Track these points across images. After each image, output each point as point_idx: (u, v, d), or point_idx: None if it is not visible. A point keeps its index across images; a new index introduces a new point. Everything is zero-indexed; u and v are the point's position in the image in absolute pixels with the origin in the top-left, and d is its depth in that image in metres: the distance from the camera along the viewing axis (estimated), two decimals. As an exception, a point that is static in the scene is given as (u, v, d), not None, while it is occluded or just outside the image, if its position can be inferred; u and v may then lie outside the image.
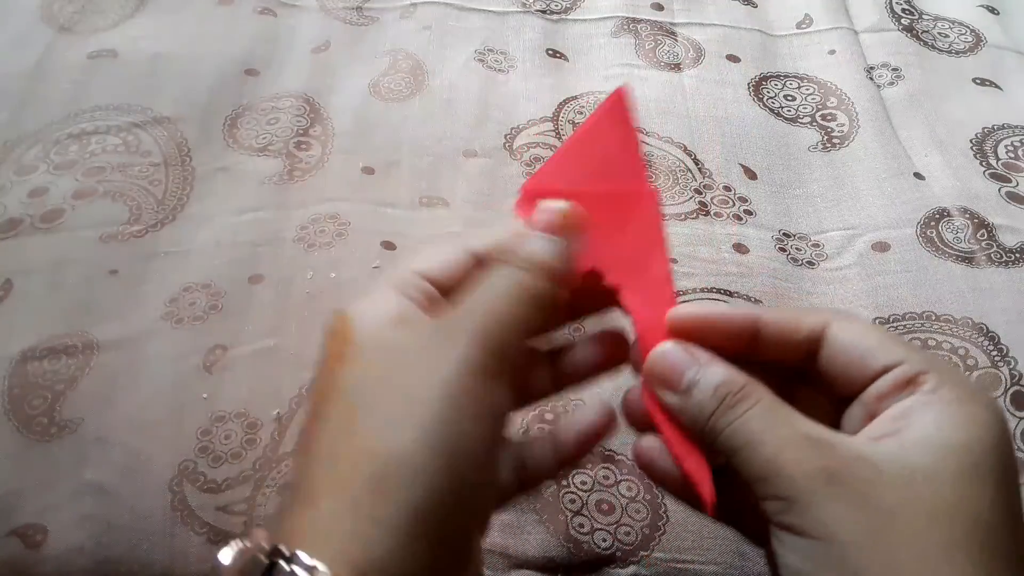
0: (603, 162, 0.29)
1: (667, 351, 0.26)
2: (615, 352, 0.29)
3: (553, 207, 0.27)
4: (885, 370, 0.24)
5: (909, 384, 0.23)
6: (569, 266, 0.26)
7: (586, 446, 0.28)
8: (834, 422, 0.25)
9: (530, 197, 0.28)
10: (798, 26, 0.68)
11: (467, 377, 0.23)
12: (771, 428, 0.23)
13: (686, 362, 0.26)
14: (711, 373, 0.25)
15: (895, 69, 0.64)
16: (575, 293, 0.27)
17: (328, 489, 0.21)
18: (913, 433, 0.22)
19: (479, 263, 0.27)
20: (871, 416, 0.24)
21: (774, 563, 0.23)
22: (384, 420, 0.22)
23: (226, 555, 0.22)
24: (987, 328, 0.46)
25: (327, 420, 0.23)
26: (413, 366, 0.23)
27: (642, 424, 0.28)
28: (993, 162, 0.56)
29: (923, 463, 0.21)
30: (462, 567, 0.23)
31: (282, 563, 0.20)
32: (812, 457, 0.22)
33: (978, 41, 0.66)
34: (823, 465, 0.22)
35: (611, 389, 0.42)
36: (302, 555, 0.20)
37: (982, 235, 0.51)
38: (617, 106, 0.30)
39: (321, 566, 0.20)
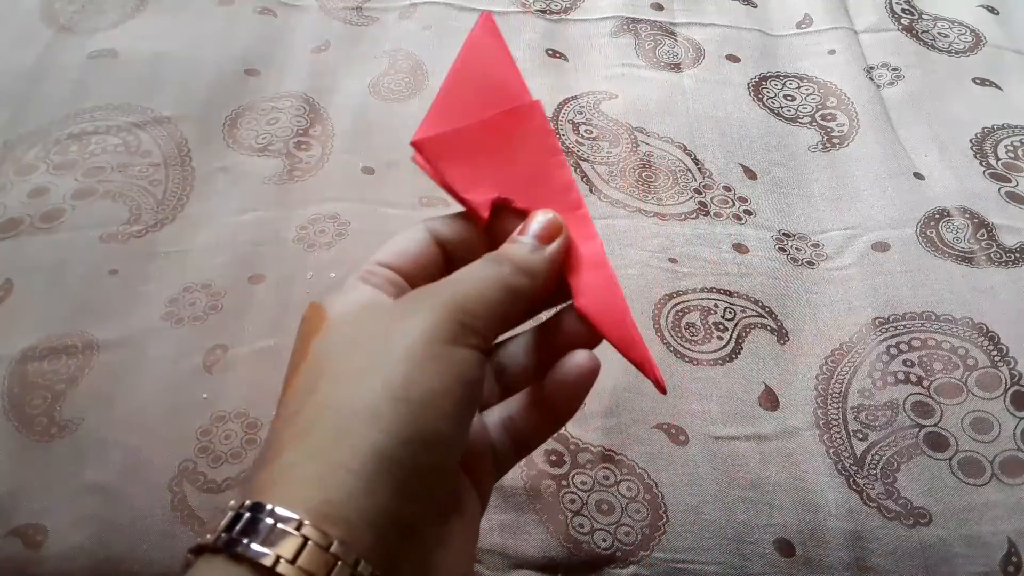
0: (483, 88, 0.30)
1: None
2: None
3: (541, 219, 0.28)
4: None
5: None
6: (551, 272, 0.27)
7: (574, 398, 0.28)
8: None
9: (421, 147, 0.29)
10: (798, 26, 0.68)
11: (432, 341, 0.23)
12: None
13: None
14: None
15: (895, 69, 0.64)
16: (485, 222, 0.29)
17: (289, 442, 0.22)
18: None
19: (440, 244, 0.29)
20: None
21: None
22: (348, 377, 0.23)
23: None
24: (987, 328, 0.46)
25: (297, 386, 0.24)
26: (380, 333, 0.24)
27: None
28: (993, 162, 0.56)
29: None
30: (435, 517, 0.23)
31: (266, 517, 0.20)
32: None
33: (978, 41, 0.66)
34: None
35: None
36: (283, 510, 0.20)
37: (982, 235, 0.51)
38: (484, 30, 0.31)
39: (282, 509, 0.20)
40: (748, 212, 0.54)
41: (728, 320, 0.48)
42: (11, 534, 0.39)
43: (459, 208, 0.29)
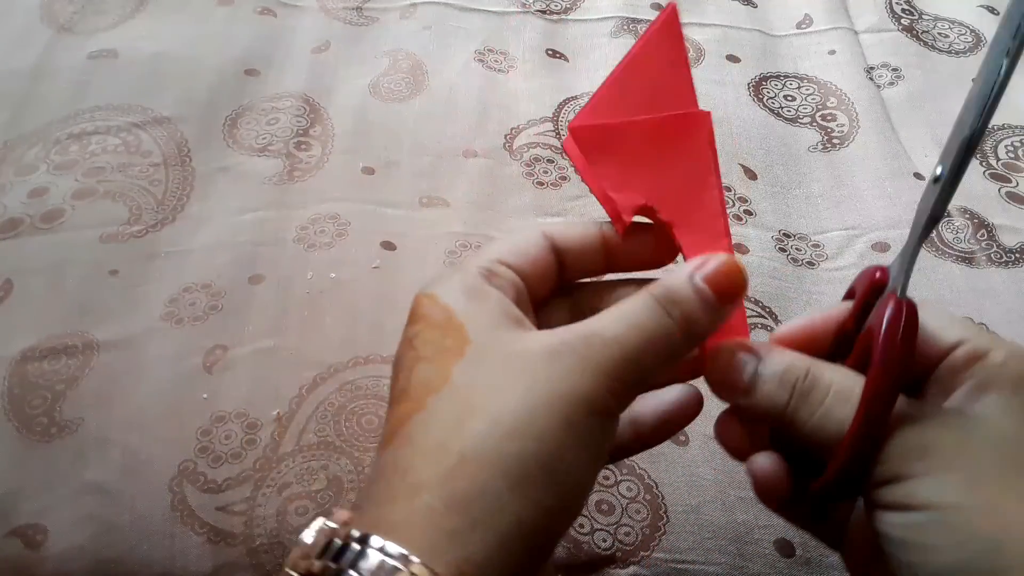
0: (653, 87, 0.27)
1: (717, 355, 0.26)
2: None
3: (727, 266, 0.24)
4: (952, 348, 0.24)
5: (978, 359, 0.24)
6: (714, 331, 0.25)
7: (666, 428, 0.28)
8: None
9: (578, 135, 0.27)
10: (798, 26, 0.68)
11: (590, 413, 0.22)
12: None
13: (741, 359, 0.25)
14: (772, 363, 0.25)
15: (895, 69, 0.64)
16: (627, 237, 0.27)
17: (432, 484, 0.21)
18: (991, 400, 0.23)
19: (556, 251, 0.27)
20: (948, 391, 0.24)
21: (862, 554, 0.24)
22: (502, 430, 0.21)
23: (308, 534, 0.22)
24: (987, 328, 0.46)
25: (435, 414, 0.22)
26: (536, 382, 0.22)
27: (735, 448, 0.27)
28: (993, 162, 0.56)
29: (1004, 424, 0.22)
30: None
31: (372, 549, 0.20)
32: (904, 435, 0.23)
33: (978, 41, 0.66)
34: (917, 442, 0.22)
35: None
36: (392, 545, 0.20)
37: (982, 235, 0.51)
38: (668, 25, 0.28)
39: (415, 557, 0.19)
40: (748, 212, 0.54)
41: (728, 320, 0.48)
42: (11, 534, 0.39)
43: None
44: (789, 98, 0.62)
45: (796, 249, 0.52)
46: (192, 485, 0.40)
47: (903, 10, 0.69)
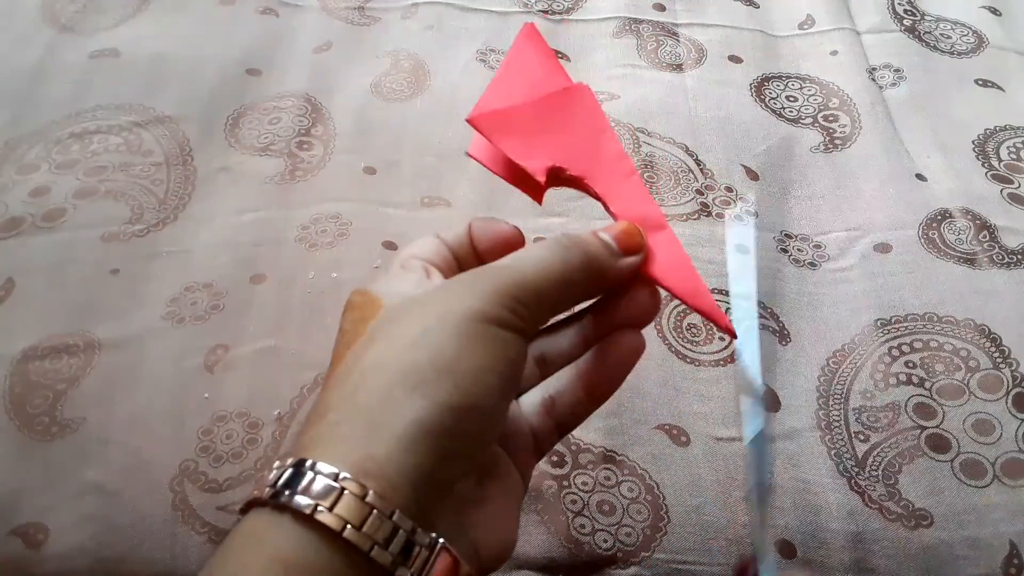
0: (531, 80, 0.32)
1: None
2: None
3: (627, 228, 0.28)
4: None
5: None
6: (619, 282, 0.27)
7: (617, 376, 0.29)
8: None
9: (479, 122, 0.30)
10: (800, 27, 0.68)
11: (480, 321, 0.24)
12: None
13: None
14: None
15: (897, 70, 0.64)
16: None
17: (336, 403, 0.23)
18: None
19: (473, 243, 0.30)
20: None
21: None
22: (397, 347, 0.23)
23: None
24: (989, 330, 0.46)
25: (347, 359, 0.24)
26: (431, 310, 0.24)
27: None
28: (995, 163, 0.56)
29: None
30: (471, 478, 0.25)
31: (307, 471, 0.21)
32: None
33: (980, 42, 0.66)
34: None
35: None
36: (323, 464, 0.21)
37: (984, 236, 0.51)
38: (528, 38, 0.33)
39: (346, 473, 0.21)
40: (750, 213, 0.54)
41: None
42: (12, 533, 0.39)
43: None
44: (791, 99, 0.62)
45: (798, 250, 0.52)
46: (193, 484, 0.40)
47: (905, 11, 0.69)
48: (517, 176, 0.30)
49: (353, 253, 0.50)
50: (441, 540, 0.22)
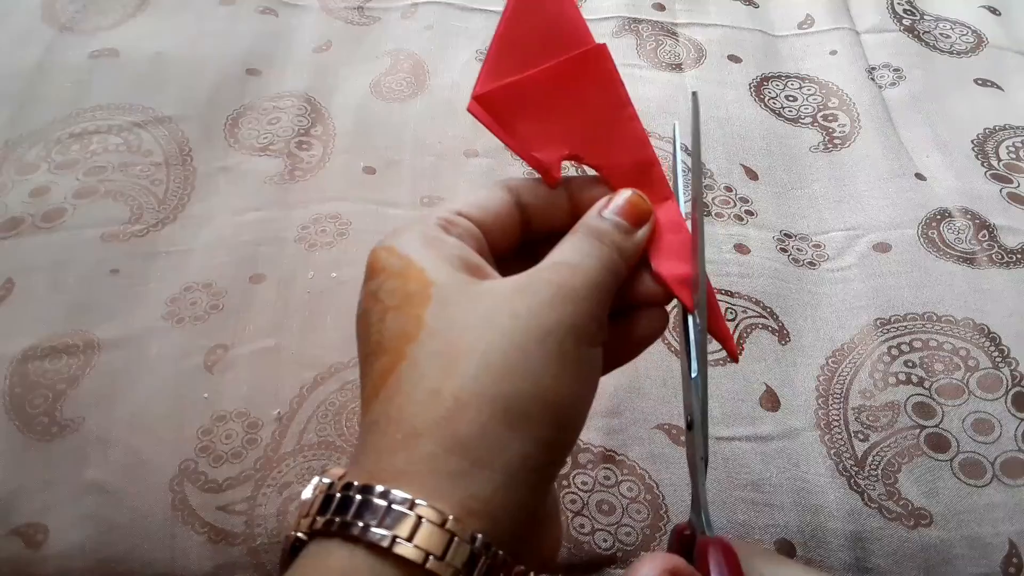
0: (542, 32, 0.27)
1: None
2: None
3: (631, 199, 0.27)
4: None
5: None
6: (637, 258, 0.27)
7: (636, 351, 0.28)
8: None
9: (485, 102, 0.27)
10: (799, 26, 0.68)
11: (580, 344, 0.23)
12: None
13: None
14: None
15: (896, 70, 0.64)
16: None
17: (430, 430, 0.21)
18: None
19: (520, 207, 0.27)
20: None
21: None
22: (495, 372, 0.21)
23: (307, 492, 0.22)
24: (988, 329, 0.46)
25: (419, 361, 0.22)
26: (518, 318, 0.22)
27: None
28: (994, 163, 0.56)
29: None
30: (551, 519, 0.25)
31: (376, 499, 0.20)
32: None
33: (979, 42, 0.66)
34: None
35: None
36: (396, 492, 0.20)
37: (983, 236, 0.51)
38: None
39: (420, 500, 0.20)
40: (749, 213, 0.54)
41: (729, 320, 0.47)
42: (12, 533, 0.39)
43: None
44: (790, 98, 0.62)
45: (797, 249, 0.52)
46: (193, 484, 0.40)
47: (905, 11, 0.69)
48: (527, 155, 0.27)
49: (353, 253, 0.50)
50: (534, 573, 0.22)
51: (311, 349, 0.46)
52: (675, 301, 0.27)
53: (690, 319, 0.27)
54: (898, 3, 0.70)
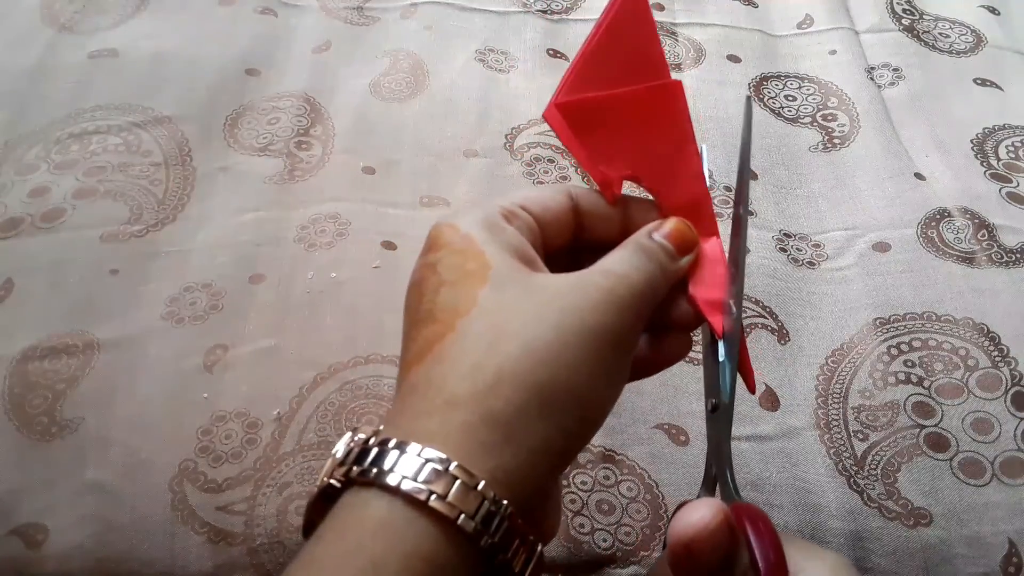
0: (628, 58, 0.29)
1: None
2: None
3: (680, 228, 0.28)
4: None
5: None
6: (675, 283, 0.28)
7: (662, 367, 0.30)
8: None
9: (565, 111, 0.28)
10: (799, 26, 0.68)
11: (615, 345, 0.24)
12: None
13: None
14: None
15: (896, 69, 0.64)
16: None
17: (468, 401, 0.22)
18: None
19: (577, 213, 0.28)
20: None
21: None
22: (537, 357, 0.23)
23: (340, 446, 0.23)
24: (988, 328, 0.46)
25: (466, 336, 0.23)
26: (565, 314, 0.23)
27: None
28: (994, 162, 0.56)
29: None
30: (555, 503, 0.26)
31: (413, 456, 0.21)
32: None
33: (979, 41, 0.66)
34: None
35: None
36: (430, 450, 0.21)
37: (983, 235, 0.51)
38: (632, 2, 0.29)
39: (461, 471, 0.21)
40: (749, 212, 0.54)
41: (729, 320, 0.47)
42: (12, 533, 0.39)
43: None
44: (790, 98, 0.62)
45: (796, 249, 0.52)
46: (192, 484, 0.40)
47: (904, 10, 0.69)
48: (592, 167, 0.28)
49: (352, 253, 0.50)
50: (539, 545, 0.23)
51: (311, 349, 0.46)
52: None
53: (720, 344, 0.29)
54: (897, 3, 0.70)
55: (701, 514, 0.23)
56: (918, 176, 0.55)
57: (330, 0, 0.69)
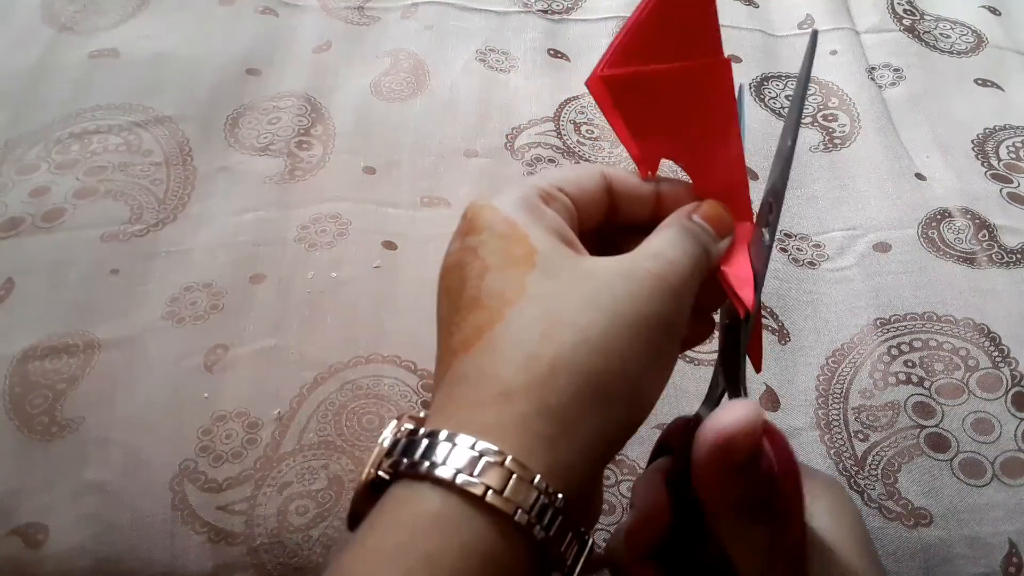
0: (679, 30, 0.26)
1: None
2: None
3: (719, 212, 0.28)
4: None
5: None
6: (719, 261, 0.28)
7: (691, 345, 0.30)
8: None
9: (610, 83, 0.27)
10: (799, 26, 0.68)
11: (671, 338, 0.24)
12: None
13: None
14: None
15: (896, 70, 0.64)
16: None
17: (524, 392, 0.22)
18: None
19: (610, 193, 0.28)
20: None
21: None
22: (591, 347, 0.22)
23: (386, 436, 0.23)
24: (988, 329, 0.46)
25: (517, 324, 0.23)
26: (618, 302, 0.23)
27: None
28: (994, 163, 0.56)
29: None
30: (598, 491, 0.27)
31: (466, 449, 0.21)
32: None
33: (980, 42, 0.66)
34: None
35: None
36: (483, 443, 0.21)
37: (983, 236, 0.51)
38: None
39: (509, 454, 0.21)
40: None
41: (729, 320, 0.47)
42: (12, 533, 0.39)
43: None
44: (791, 98, 0.62)
45: (797, 249, 0.52)
46: (193, 484, 0.40)
47: (905, 10, 0.69)
48: (630, 141, 0.28)
49: (353, 253, 0.50)
50: (590, 537, 0.23)
51: (311, 349, 0.46)
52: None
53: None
54: (898, 3, 0.70)
55: (744, 411, 0.23)
56: (919, 176, 0.55)
57: (331, 0, 0.69)
